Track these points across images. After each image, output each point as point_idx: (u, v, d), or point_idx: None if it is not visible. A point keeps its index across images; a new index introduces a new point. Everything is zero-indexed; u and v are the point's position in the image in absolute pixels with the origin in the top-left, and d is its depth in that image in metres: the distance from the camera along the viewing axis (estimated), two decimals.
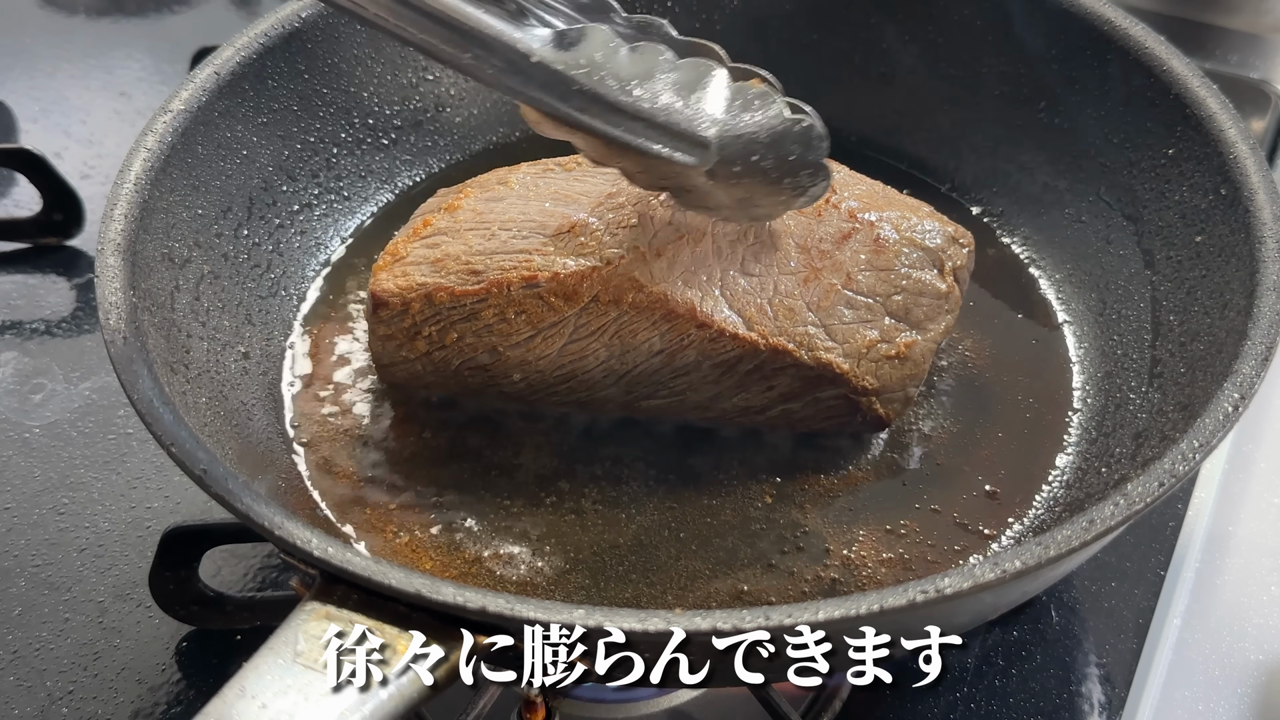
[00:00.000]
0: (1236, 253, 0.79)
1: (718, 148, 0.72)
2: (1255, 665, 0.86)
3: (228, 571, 0.89)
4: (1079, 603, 0.88)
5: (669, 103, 0.70)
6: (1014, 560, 0.61)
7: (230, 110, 0.90)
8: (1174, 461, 0.66)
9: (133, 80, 1.31)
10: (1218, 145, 0.83)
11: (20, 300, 1.09)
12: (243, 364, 0.85)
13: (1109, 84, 0.92)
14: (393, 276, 0.82)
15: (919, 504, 0.81)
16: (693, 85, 0.71)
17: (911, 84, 1.03)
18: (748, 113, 0.73)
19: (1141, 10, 1.18)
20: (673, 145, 0.71)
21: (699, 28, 1.04)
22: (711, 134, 0.72)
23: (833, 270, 0.81)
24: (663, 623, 0.59)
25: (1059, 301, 0.94)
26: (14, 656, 0.85)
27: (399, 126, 1.02)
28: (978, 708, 0.82)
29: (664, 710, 0.84)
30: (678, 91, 0.71)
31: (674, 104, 0.70)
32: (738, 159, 0.73)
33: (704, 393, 0.82)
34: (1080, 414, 0.86)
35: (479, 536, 0.79)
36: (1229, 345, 0.74)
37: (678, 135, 0.71)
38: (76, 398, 1.01)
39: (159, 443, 0.68)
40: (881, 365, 0.81)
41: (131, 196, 0.80)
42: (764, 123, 0.73)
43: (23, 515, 0.93)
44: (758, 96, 0.74)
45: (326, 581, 0.62)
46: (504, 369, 0.82)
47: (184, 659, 0.85)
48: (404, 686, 0.58)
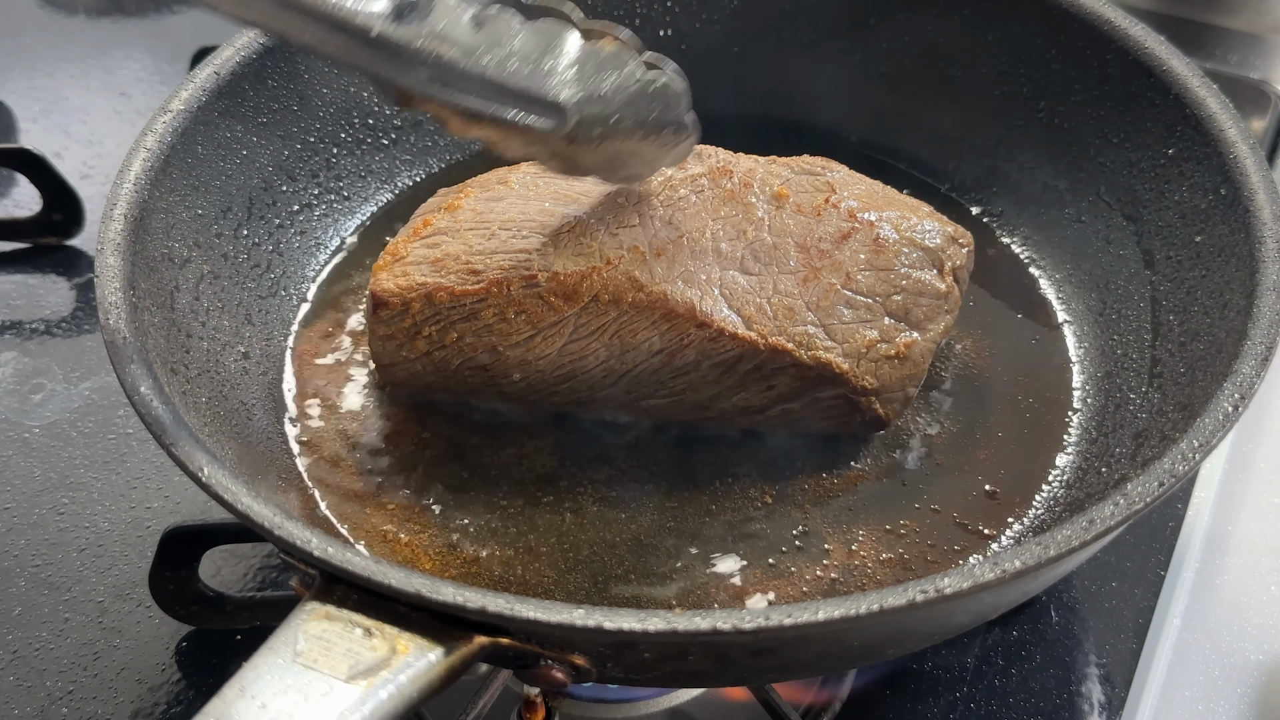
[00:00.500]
0: (1236, 253, 0.79)
1: (575, 110, 0.72)
2: (1255, 665, 0.86)
3: (228, 571, 0.89)
4: (1079, 603, 0.88)
5: (518, 68, 0.70)
6: (1014, 560, 0.61)
7: (230, 110, 0.90)
8: (1174, 461, 0.66)
9: (133, 80, 1.31)
10: (1218, 145, 0.83)
11: (20, 300, 1.09)
12: (243, 364, 0.85)
13: (1109, 84, 0.92)
14: (393, 276, 0.82)
15: (919, 504, 0.81)
16: (543, 50, 0.71)
17: (911, 84, 1.02)
18: (601, 73, 0.72)
19: (1141, 10, 1.19)
20: (527, 111, 0.70)
21: (699, 27, 1.05)
22: (564, 97, 0.71)
23: (832, 270, 0.81)
24: (663, 623, 0.59)
25: (1059, 301, 0.94)
26: (14, 656, 0.85)
27: (399, 126, 1.02)
28: (978, 708, 0.82)
29: (664, 710, 0.84)
30: (526, 56, 0.70)
31: (523, 69, 0.70)
32: (596, 122, 0.73)
33: (704, 392, 0.82)
34: (1080, 414, 0.86)
35: (478, 536, 0.79)
36: (1229, 345, 0.74)
37: (530, 100, 0.70)
38: (76, 398, 1.01)
39: (159, 443, 0.68)
40: (881, 365, 0.81)
41: (131, 196, 0.80)
42: (619, 83, 0.73)
43: (23, 515, 0.93)
44: (610, 57, 0.73)
45: (326, 581, 0.62)
46: (504, 369, 0.82)
47: (184, 659, 0.85)
48: (404, 686, 0.58)
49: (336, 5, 0.65)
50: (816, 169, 0.85)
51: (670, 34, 1.05)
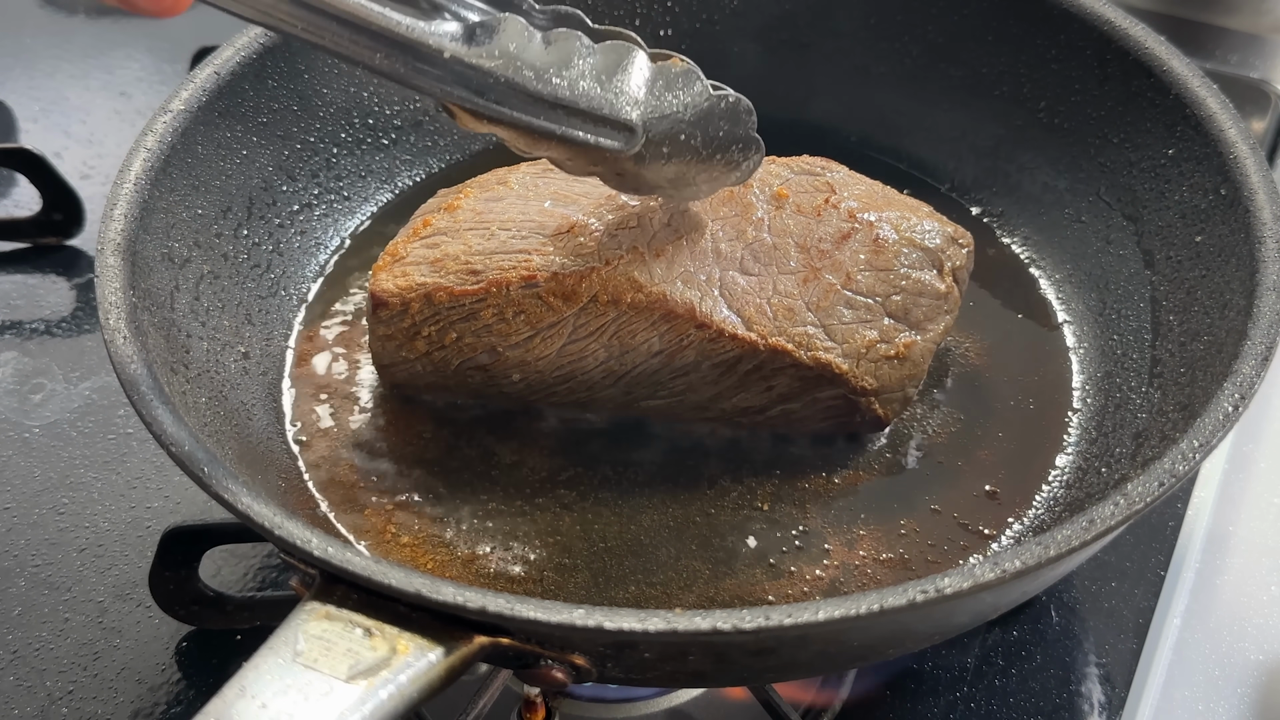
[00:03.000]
0: (1236, 253, 0.79)
1: (643, 130, 0.72)
2: (1255, 665, 0.86)
3: (228, 571, 0.89)
4: (1079, 603, 0.88)
5: (589, 89, 0.70)
6: (1014, 560, 0.61)
7: (230, 110, 0.90)
8: (1174, 461, 0.66)
9: (133, 80, 1.31)
10: (1218, 145, 0.83)
11: (20, 300, 1.09)
12: (243, 364, 0.85)
13: (1109, 84, 0.92)
14: (392, 277, 0.82)
15: (919, 504, 0.81)
16: (612, 69, 0.71)
17: (911, 84, 1.02)
18: (671, 92, 0.73)
19: (1141, 10, 1.19)
20: (597, 131, 0.71)
21: (699, 28, 1.05)
22: (634, 116, 0.71)
23: (832, 270, 0.81)
24: (663, 623, 0.59)
25: (1059, 301, 0.94)
26: (14, 656, 0.85)
27: (399, 126, 1.02)
28: (978, 708, 0.82)
29: (664, 710, 0.84)
30: (597, 76, 0.70)
31: (594, 90, 0.70)
32: (665, 139, 0.73)
33: (703, 393, 0.82)
34: (1080, 414, 0.86)
35: (479, 536, 0.79)
36: (1229, 345, 0.74)
37: (601, 121, 0.71)
38: (76, 398, 1.01)
39: (159, 443, 0.68)
40: (881, 365, 0.81)
41: (131, 196, 0.80)
42: (689, 101, 0.73)
43: (23, 515, 0.93)
44: (680, 75, 0.73)
45: (326, 581, 0.62)
46: (503, 369, 0.82)
47: (184, 659, 0.85)
48: (404, 686, 0.58)
49: (408, 26, 0.65)
50: (816, 169, 0.85)
51: (670, 34, 1.05)
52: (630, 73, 0.71)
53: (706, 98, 0.74)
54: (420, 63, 0.66)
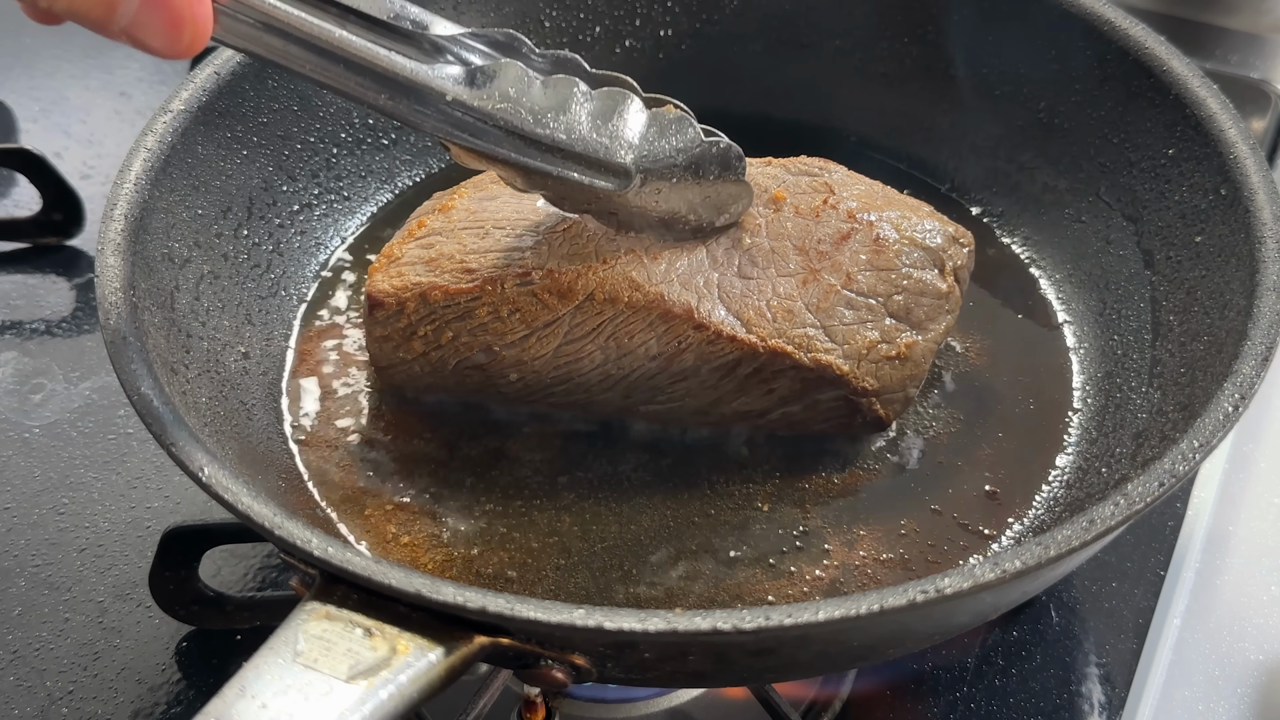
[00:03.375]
0: (1236, 253, 0.79)
1: (637, 172, 0.75)
2: (1255, 665, 0.86)
3: (228, 571, 0.89)
4: (1079, 603, 0.88)
5: (585, 133, 0.73)
6: (1014, 560, 0.61)
7: (230, 110, 0.90)
8: (1174, 461, 0.66)
9: (133, 80, 1.31)
10: (1218, 145, 0.83)
11: (20, 300, 1.09)
12: (243, 364, 0.85)
13: (1109, 84, 0.92)
14: (388, 277, 0.82)
15: (919, 504, 0.81)
16: (608, 114, 0.74)
17: (911, 84, 1.02)
18: (664, 138, 0.76)
19: (1141, 10, 1.18)
20: (592, 173, 0.74)
21: (699, 28, 1.04)
22: (629, 160, 0.74)
23: (832, 271, 0.81)
24: (663, 623, 0.59)
25: (1059, 301, 0.94)
26: (14, 656, 0.85)
27: (399, 127, 1.02)
28: (978, 708, 0.82)
29: (664, 710, 0.84)
30: (593, 120, 0.73)
31: (590, 134, 0.73)
32: (658, 182, 0.76)
33: (703, 398, 0.82)
34: (1080, 414, 0.86)
35: (478, 537, 0.79)
36: (1229, 345, 0.74)
37: (596, 163, 0.74)
38: (76, 398, 1.01)
39: (159, 443, 0.68)
40: (882, 366, 0.81)
41: (131, 196, 0.80)
42: (681, 146, 0.77)
43: (23, 515, 0.93)
44: (674, 121, 0.76)
45: (326, 581, 0.62)
46: (500, 369, 0.82)
47: (184, 659, 0.85)
48: (404, 686, 0.58)
49: (413, 70, 0.68)
50: (814, 169, 0.85)
51: (670, 34, 1.05)
52: (626, 118, 0.74)
53: (698, 143, 0.77)
54: (423, 104, 0.69)
